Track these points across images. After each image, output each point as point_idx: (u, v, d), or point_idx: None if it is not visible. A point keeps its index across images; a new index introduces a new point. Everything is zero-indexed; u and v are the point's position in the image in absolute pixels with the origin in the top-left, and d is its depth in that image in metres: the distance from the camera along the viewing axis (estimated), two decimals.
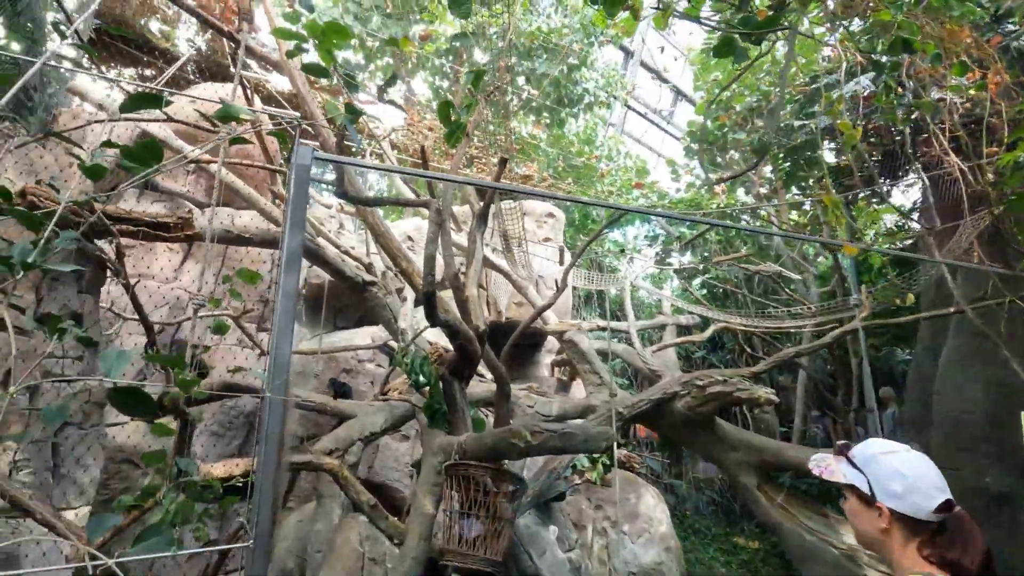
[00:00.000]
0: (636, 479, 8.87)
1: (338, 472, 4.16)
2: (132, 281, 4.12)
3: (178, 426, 3.20)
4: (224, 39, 6.09)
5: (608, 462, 6.19)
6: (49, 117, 5.64)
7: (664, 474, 10.21)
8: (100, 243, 4.58)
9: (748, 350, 9.15)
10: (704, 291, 11.21)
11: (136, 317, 4.80)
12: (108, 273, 4.53)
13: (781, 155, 8.65)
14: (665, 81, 17.20)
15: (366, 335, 7.99)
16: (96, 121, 4.19)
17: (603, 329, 7.64)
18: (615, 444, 6.33)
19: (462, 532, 3.46)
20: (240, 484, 3.84)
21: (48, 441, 3.78)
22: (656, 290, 9.77)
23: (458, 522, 3.47)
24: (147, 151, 2.07)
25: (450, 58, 11.98)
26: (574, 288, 11.77)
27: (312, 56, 2.39)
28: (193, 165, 7.07)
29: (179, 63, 6.03)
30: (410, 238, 8.44)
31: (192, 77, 8.52)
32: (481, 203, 4.75)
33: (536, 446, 3.30)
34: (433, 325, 3.34)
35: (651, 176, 14.03)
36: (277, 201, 6.93)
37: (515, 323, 9.32)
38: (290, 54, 2.26)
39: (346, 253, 6.76)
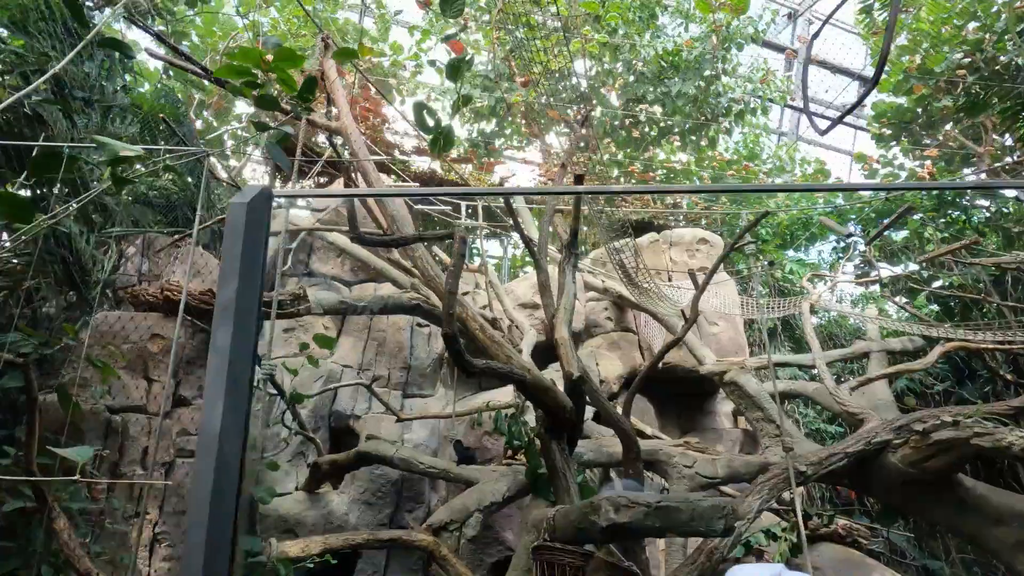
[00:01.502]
0: (862, 559, 6.76)
1: (435, 551, 3.72)
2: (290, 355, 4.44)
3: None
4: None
5: (794, 538, 4.69)
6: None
7: (913, 551, 7.68)
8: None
9: (1013, 377, 6.58)
10: (932, 306, 8.67)
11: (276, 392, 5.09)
12: None
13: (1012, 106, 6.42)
14: (839, 70, 14.75)
15: (508, 393, 7.68)
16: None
17: (773, 366, 6.18)
18: (804, 513, 4.85)
19: None
20: (312, 565, 3.62)
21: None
22: (849, 310, 7.74)
23: None
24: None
25: (577, 105, 11.81)
26: (752, 322, 10.13)
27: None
28: (341, 251, 7.74)
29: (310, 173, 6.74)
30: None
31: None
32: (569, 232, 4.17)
33: (624, 525, 2.47)
34: (466, 372, 2.80)
35: (836, 177, 11.74)
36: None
37: (675, 368, 8.16)
38: (237, 90, 2.11)
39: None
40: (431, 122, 2.08)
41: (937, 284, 8.54)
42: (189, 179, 5.92)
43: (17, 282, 3.75)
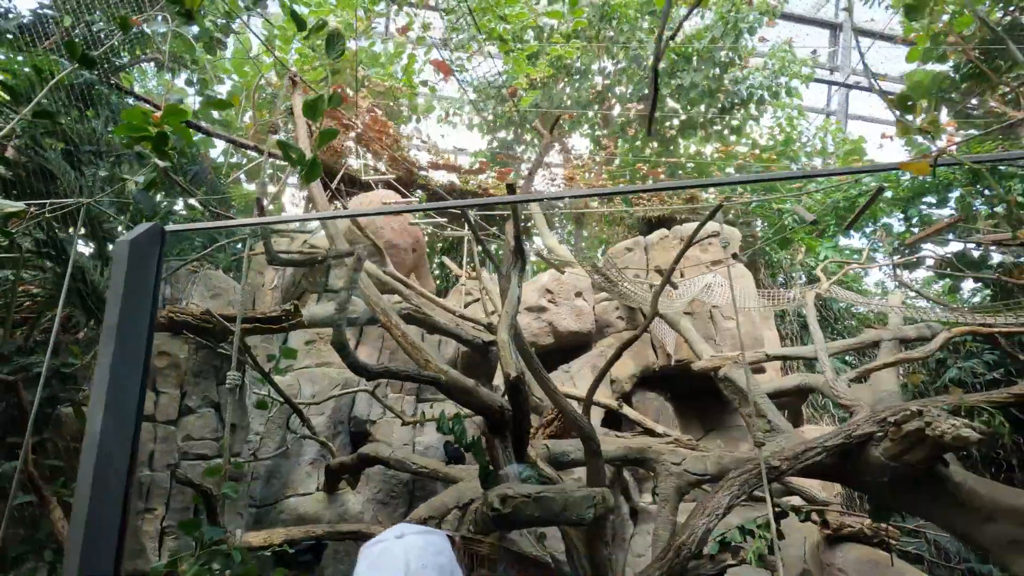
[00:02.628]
0: (888, 560, 6.39)
1: None
2: (317, 365, 4.91)
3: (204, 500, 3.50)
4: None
5: (768, 535, 4.55)
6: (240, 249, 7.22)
7: (961, 552, 7.12)
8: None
9: None
10: (976, 295, 8.01)
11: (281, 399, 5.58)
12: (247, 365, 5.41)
13: None
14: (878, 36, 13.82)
15: None
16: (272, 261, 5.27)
17: (774, 359, 5.99)
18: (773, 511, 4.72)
19: None
20: (290, 552, 4.00)
21: (191, 509, 4.59)
22: (859, 297, 7.26)
23: None
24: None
25: (596, 106, 11.83)
26: (785, 313, 9.75)
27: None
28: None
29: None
30: (549, 291, 8.19)
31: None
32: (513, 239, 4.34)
33: (509, 515, 2.64)
34: (365, 376, 3.05)
35: (875, 156, 11.00)
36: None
37: (689, 365, 8.02)
38: (128, 146, 2.47)
39: (461, 316, 6.89)
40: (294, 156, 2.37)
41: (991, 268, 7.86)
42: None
43: (40, 312, 4.41)
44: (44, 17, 4.77)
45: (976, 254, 7.90)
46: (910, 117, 2.02)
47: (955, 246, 8.18)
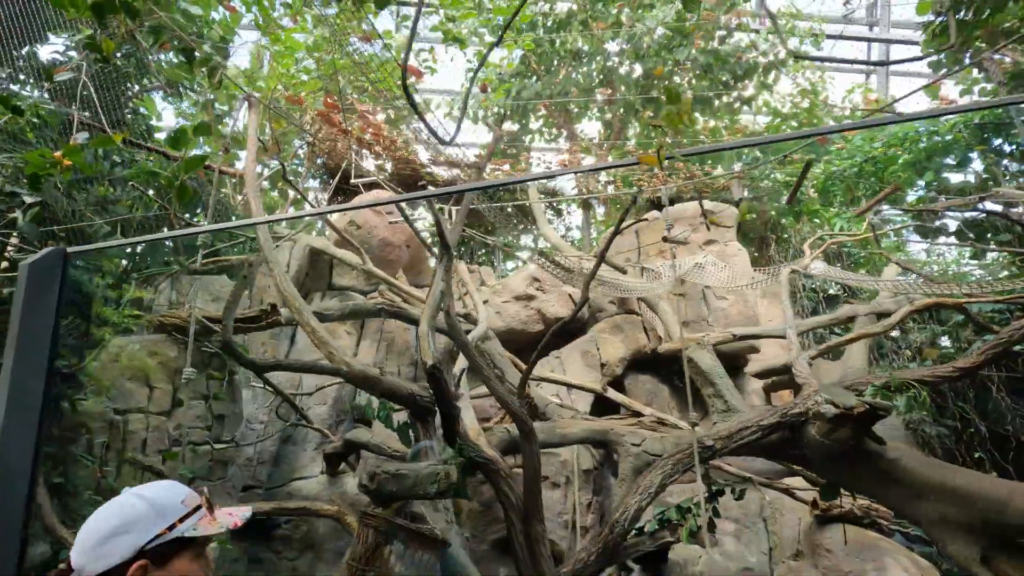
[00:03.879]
0: (876, 541, 6.22)
1: (340, 518, 4.39)
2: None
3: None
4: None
5: (695, 510, 4.56)
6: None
7: None
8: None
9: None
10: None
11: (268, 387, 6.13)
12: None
13: None
14: None
15: None
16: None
17: (740, 339, 5.90)
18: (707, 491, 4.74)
19: None
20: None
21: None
22: (842, 273, 6.86)
23: None
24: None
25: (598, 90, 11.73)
26: (795, 293, 9.43)
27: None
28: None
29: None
30: (536, 279, 8.35)
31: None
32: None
33: (375, 490, 2.94)
34: (254, 371, 3.39)
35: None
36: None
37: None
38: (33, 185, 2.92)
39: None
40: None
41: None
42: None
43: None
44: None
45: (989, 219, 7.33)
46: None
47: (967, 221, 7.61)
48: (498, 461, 4.80)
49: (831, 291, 9.83)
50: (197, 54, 3.04)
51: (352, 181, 7.87)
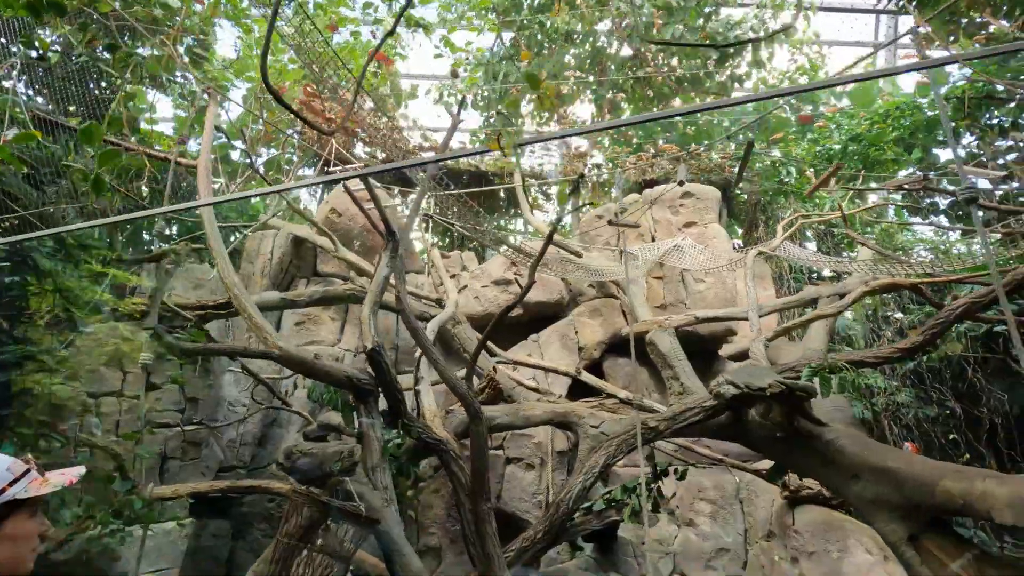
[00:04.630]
0: (843, 521, 6.20)
1: (291, 496, 4.54)
2: (306, 343, 5.65)
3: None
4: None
5: (640, 492, 4.60)
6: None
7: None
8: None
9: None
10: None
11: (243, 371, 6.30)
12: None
13: None
14: None
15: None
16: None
17: (703, 321, 5.88)
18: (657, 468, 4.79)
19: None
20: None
21: (156, 469, 5.43)
22: (813, 255, 6.72)
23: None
24: None
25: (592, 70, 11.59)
26: (781, 276, 9.33)
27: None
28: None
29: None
30: (513, 263, 8.38)
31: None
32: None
33: (291, 469, 3.07)
34: (183, 356, 3.52)
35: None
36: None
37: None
38: None
39: (411, 293, 7.28)
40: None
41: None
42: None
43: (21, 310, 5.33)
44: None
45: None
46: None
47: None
48: (449, 442, 4.92)
49: (825, 273, 9.69)
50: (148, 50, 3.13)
51: (329, 169, 7.98)
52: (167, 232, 8.65)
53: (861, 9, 11.38)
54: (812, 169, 7.09)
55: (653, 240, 8.28)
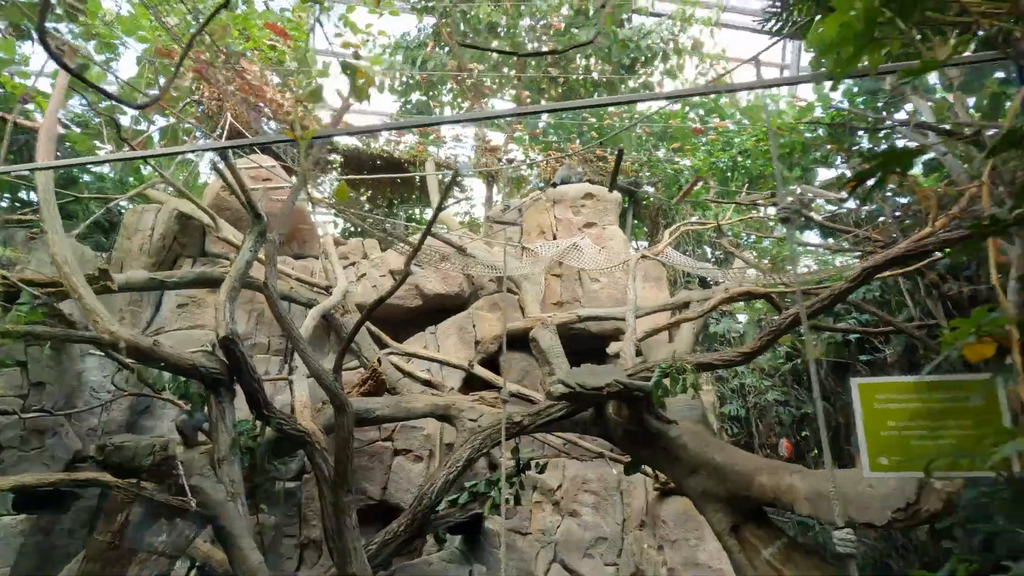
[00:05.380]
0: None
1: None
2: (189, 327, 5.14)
3: None
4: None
5: (499, 484, 4.75)
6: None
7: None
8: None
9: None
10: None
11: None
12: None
13: None
14: None
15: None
16: None
17: (585, 320, 6.10)
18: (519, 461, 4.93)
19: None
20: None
21: None
22: (693, 261, 7.20)
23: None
24: None
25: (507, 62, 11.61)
26: (675, 281, 9.76)
27: None
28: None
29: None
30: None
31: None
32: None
33: (105, 463, 2.88)
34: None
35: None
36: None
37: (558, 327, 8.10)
38: None
39: (299, 280, 7.05)
40: None
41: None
42: None
43: None
44: None
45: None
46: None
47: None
48: (314, 434, 4.80)
49: (720, 278, 10.28)
50: None
51: (224, 141, 7.54)
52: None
53: (753, 29, 12.09)
54: (704, 179, 7.50)
55: (555, 238, 8.45)
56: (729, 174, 7.57)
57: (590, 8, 9.81)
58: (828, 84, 8.91)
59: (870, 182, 1.55)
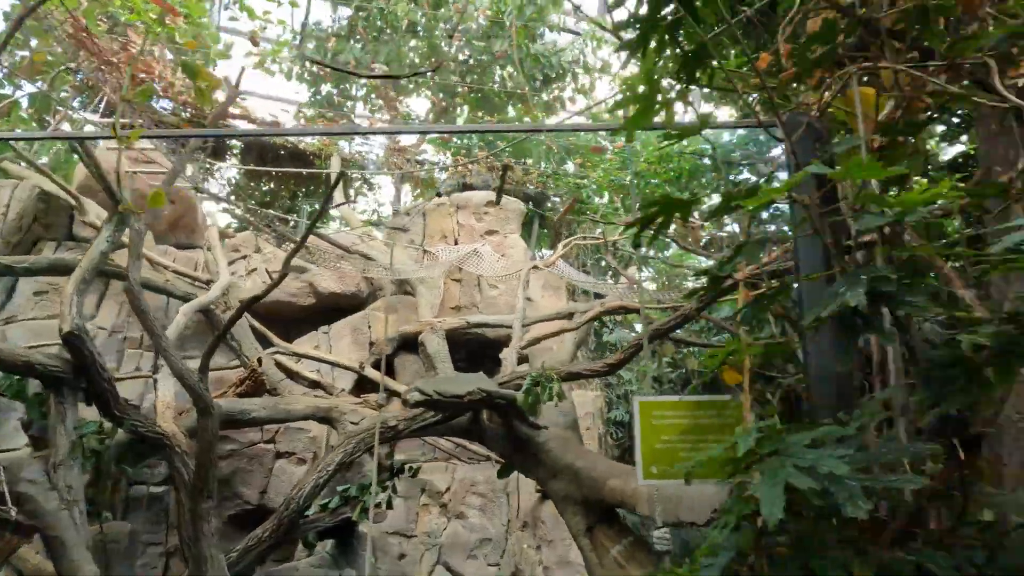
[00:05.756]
0: None
1: None
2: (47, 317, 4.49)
3: None
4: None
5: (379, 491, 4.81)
6: None
7: None
8: None
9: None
10: None
11: None
12: None
13: None
14: None
15: None
16: None
17: (473, 326, 6.24)
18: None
19: None
20: None
21: None
22: (583, 276, 7.66)
23: None
24: None
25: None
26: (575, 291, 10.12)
27: None
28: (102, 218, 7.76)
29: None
30: (309, 251, 8.09)
31: None
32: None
33: None
34: None
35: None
36: None
37: (453, 331, 8.15)
38: None
39: (176, 272, 6.68)
40: None
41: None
42: None
43: None
44: None
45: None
46: None
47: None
48: (174, 437, 4.58)
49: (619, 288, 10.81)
50: None
51: (99, 120, 6.95)
52: None
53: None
54: (578, 200, 7.92)
55: (456, 244, 8.54)
56: (634, 191, 8.03)
57: (506, 20, 10.02)
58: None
59: (650, 229, 1.75)
